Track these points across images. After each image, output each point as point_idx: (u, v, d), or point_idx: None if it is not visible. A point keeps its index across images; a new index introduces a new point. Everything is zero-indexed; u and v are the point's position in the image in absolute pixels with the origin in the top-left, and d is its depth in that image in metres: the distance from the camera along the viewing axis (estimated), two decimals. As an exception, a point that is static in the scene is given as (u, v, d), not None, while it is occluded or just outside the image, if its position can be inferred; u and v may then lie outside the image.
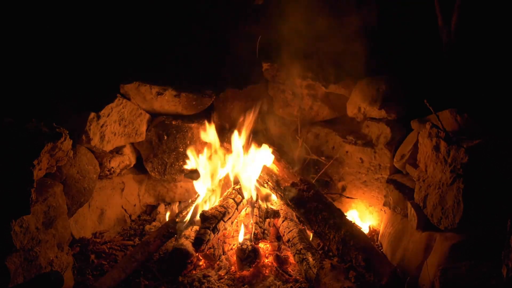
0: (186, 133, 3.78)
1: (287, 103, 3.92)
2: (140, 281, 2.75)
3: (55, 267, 2.45)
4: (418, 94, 2.74)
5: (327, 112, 3.87)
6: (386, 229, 3.18)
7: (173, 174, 3.81)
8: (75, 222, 3.15)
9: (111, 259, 3.04)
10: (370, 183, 3.50)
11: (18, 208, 2.18)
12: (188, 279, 2.79)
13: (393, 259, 2.88)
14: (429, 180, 2.62)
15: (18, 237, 2.18)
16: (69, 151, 2.57)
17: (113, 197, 3.63)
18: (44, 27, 3.41)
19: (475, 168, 2.30)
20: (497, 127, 2.46)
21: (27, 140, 2.28)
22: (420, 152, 2.77)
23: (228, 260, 3.04)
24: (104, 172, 3.35)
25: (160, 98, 3.56)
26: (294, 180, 3.14)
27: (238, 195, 3.37)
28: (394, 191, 3.05)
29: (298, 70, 3.71)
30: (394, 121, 3.35)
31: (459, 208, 2.34)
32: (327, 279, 2.46)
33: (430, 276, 2.35)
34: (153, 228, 3.56)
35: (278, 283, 2.79)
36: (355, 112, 3.54)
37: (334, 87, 3.68)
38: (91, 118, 3.06)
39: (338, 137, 3.70)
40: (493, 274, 2.05)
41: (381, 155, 3.36)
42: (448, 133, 2.47)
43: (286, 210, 3.30)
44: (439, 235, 2.50)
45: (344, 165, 3.68)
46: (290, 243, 3.01)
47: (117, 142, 3.38)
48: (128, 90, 3.47)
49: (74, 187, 2.93)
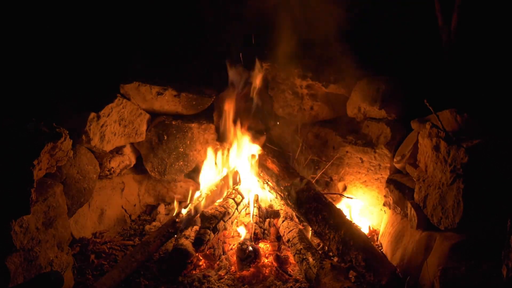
0: (186, 133, 3.78)
1: (287, 103, 3.92)
2: (140, 281, 2.75)
3: (55, 267, 2.45)
4: (418, 94, 2.74)
5: (327, 112, 3.87)
6: (386, 229, 3.18)
7: (173, 174, 3.81)
8: (75, 222, 3.15)
9: (111, 259, 3.03)
10: (370, 183, 3.50)
11: (18, 208, 2.18)
12: (188, 279, 2.79)
13: (393, 259, 2.88)
14: (429, 180, 2.62)
15: (18, 237, 2.18)
16: (69, 151, 2.57)
17: (113, 197, 3.63)
18: (44, 27, 3.41)
19: (475, 168, 2.30)
20: (497, 127, 2.47)
21: (27, 140, 2.28)
22: (420, 152, 2.77)
23: (228, 260, 3.03)
24: (104, 172, 3.35)
25: (160, 98, 3.56)
26: (294, 180, 3.14)
27: (238, 195, 3.37)
28: (394, 191, 3.05)
29: (298, 70, 3.71)
30: (394, 121, 3.35)
31: (459, 208, 2.34)
32: (327, 279, 2.45)
33: (430, 276, 2.35)
34: (153, 228, 3.56)
35: (278, 283, 2.79)
36: (355, 112, 3.54)
37: (334, 87, 3.68)
38: (91, 118, 3.06)
39: (338, 137, 3.70)
40: (493, 274, 2.05)
41: (381, 155, 3.35)
42: (448, 133, 2.47)
43: (286, 210, 3.30)
44: (439, 235, 2.50)
45: (344, 165, 3.68)
46: (290, 243, 3.01)
47: (117, 142, 3.38)
48: (128, 90, 3.47)
49: (74, 187, 2.93)
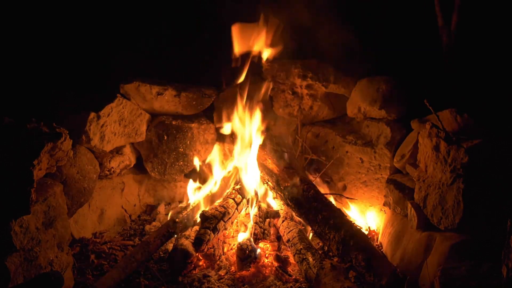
0: (186, 133, 3.78)
1: (287, 103, 3.92)
2: (140, 281, 2.75)
3: (55, 267, 2.45)
4: (418, 94, 2.74)
5: (327, 112, 3.88)
6: (386, 229, 3.18)
7: (173, 174, 3.81)
8: (75, 222, 3.15)
9: (111, 259, 3.03)
10: (370, 183, 3.50)
11: (18, 208, 2.18)
12: (188, 279, 2.79)
13: (393, 259, 2.88)
14: (429, 180, 2.62)
15: (18, 237, 2.18)
16: (69, 151, 2.56)
17: (113, 197, 3.63)
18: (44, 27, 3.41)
19: (475, 168, 2.30)
20: (497, 127, 2.47)
21: (27, 140, 2.27)
22: (420, 152, 2.77)
23: (228, 260, 3.03)
24: (104, 172, 3.35)
25: (160, 98, 3.56)
26: (294, 180, 3.14)
27: (238, 195, 3.37)
28: (394, 191, 3.05)
29: (298, 70, 3.71)
30: (394, 121, 3.35)
31: (459, 208, 2.35)
32: (327, 279, 2.46)
33: (430, 276, 2.35)
34: (153, 228, 3.55)
35: (278, 283, 2.79)
36: (355, 112, 3.54)
37: (334, 87, 3.68)
38: (91, 118, 3.06)
39: (338, 137, 3.70)
40: (493, 274, 2.05)
41: (381, 155, 3.36)
42: (448, 133, 2.47)
43: (286, 210, 3.30)
44: (439, 235, 2.50)
45: (344, 165, 3.68)
46: (290, 243, 3.01)
47: (117, 142, 3.38)
48: (128, 90, 3.48)
49: (74, 187, 2.93)
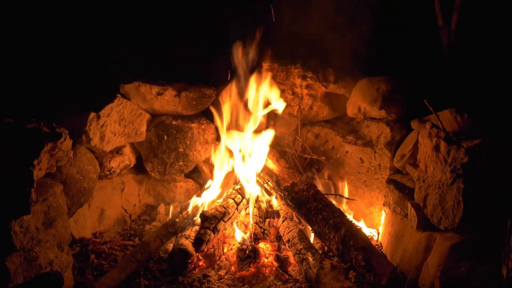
0: (186, 133, 3.78)
1: (287, 103, 3.91)
2: (140, 281, 2.75)
3: (55, 267, 2.45)
4: (418, 94, 2.74)
5: (327, 112, 3.87)
6: (386, 229, 3.19)
7: (173, 174, 3.81)
8: (75, 222, 3.15)
9: (111, 259, 3.03)
10: (370, 183, 3.50)
11: (18, 208, 2.18)
12: (188, 279, 2.79)
13: (393, 259, 2.88)
14: (429, 180, 2.62)
15: (18, 237, 2.18)
16: (69, 151, 2.56)
17: (113, 197, 3.63)
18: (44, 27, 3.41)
19: (475, 168, 2.30)
20: (497, 127, 2.47)
21: (27, 140, 2.27)
22: (420, 152, 2.77)
23: (228, 260, 3.03)
24: (104, 172, 3.35)
25: (160, 98, 3.56)
26: (294, 180, 3.14)
27: (238, 195, 3.37)
28: (394, 191, 3.05)
29: (298, 70, 3.71)
30: (394, 121, 3.35)
31: (459, 208, 2.35)
32: (327, 279, 2.45)
33: (430, 276, 2.35)
34: (153, 228, 3.55)
35: (278, 283, 2.79)
36: (355, 112, 3.54)
37: (334, 87, 3.68)
38: (91, 118, 3.06)
39: (338, 137, 3.70)
40: (493, 274, 2.05)
41: (381, 155, 3.35)
42: (448, 133, 2.47)
43: (286, 210, 3.30)
44: (439, 235, 2.50)
45: (344, 165, 3.68)
46: (290, 243, 3.01)
47: (117, 142, 3.38)
48: (128, 90, 3.47)
49: (74, 187, 2.93)
